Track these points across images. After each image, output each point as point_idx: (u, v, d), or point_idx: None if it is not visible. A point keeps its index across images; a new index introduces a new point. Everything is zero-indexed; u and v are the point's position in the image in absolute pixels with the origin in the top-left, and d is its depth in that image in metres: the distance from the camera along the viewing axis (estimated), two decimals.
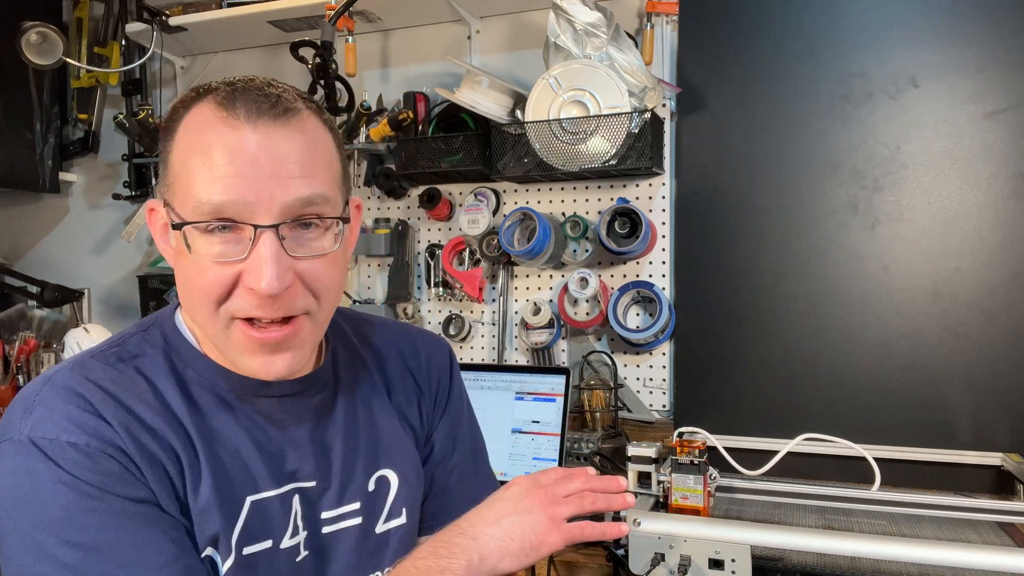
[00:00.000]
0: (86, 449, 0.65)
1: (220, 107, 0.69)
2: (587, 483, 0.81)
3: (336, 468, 0.82)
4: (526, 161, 1.71)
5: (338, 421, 0.84)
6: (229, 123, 0.69)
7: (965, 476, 1.48)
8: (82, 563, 0.63)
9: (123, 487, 0.66)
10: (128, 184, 2.30)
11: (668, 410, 1.78)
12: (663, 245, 1.79)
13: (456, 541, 0.74)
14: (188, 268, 0.71)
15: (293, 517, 0.77)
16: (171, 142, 0.72)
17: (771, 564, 1.06)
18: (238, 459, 0.75)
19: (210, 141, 0.69)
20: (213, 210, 0.68)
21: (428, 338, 0.99)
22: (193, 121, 0.71)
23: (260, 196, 0.68)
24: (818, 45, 1.62)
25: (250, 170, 0.68)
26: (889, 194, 1.57)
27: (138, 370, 0.74)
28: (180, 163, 0.70)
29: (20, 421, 0.67)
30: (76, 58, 2.29)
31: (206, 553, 0.71)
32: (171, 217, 0.72)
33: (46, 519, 0.64)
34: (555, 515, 0.77)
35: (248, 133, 0.68)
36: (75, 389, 0.68)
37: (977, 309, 1.51)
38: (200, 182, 0.68)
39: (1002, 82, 1.50)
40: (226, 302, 0.70)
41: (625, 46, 1.61)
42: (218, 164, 0.68)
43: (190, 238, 0.69)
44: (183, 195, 0.70)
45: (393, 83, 2.06)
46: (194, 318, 0.75)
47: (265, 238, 0.68)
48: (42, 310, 2.29)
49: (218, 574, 0.72)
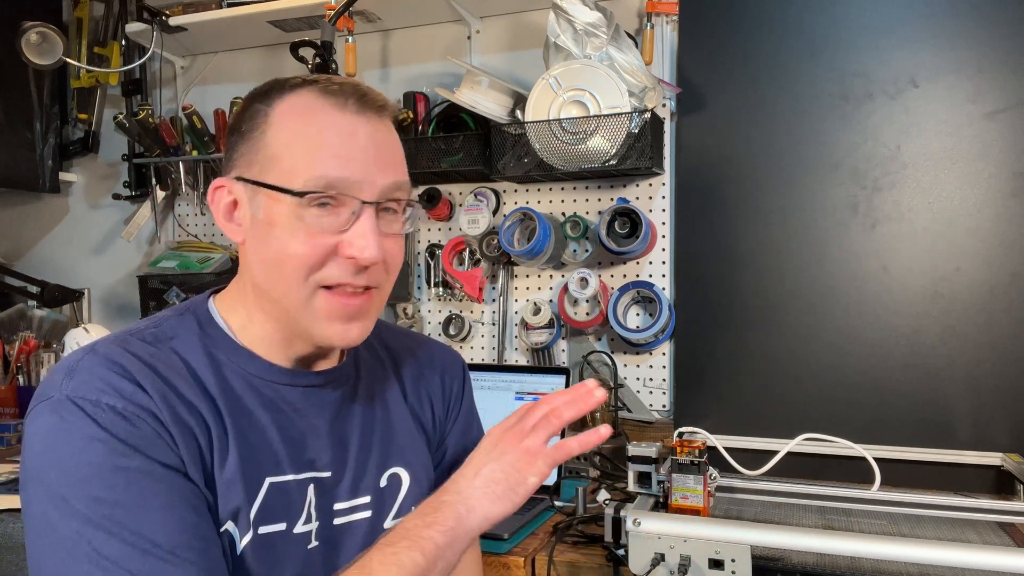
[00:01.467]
0: (123, 412, 0.68)
1: (328, 95, 0.77)
2: (552, 401, 0.80)
3: (351, 461, 0.84)
4: (526, 161, 1.71)
5: (356, 416, 0.87)
6: (340, 110, 0.77)
7: (965, 476, 1.49)
8: (105, 518, 0.65)
9: (155, 450, 0.69)
10: (128, 184, 2.30)
11: (668, 410, 1.78)
12: (663, 245, 1.79)
13: (442, 499, 0.76)
14: (282, 238, 0.75)
15: (307, 505, 0.80)
16: (265, 124, 0.77)
17: (771, 564, 1.06)
18: (263, 440, 0.77)
19: (323, 124, 0.76)
20: (327, 184, 0.74)
21: (443, 349, 1.03)
22: (295, 106, 0.77)
23: (366, 176, 0.76)
24: (818, 45, 1.62)
25: (360, 153, 0.76)
26: (889, 194, 1.57)
27: (174, 350, 0.77)
28: (285, 141, 0.76)
29: (61, 383, 0.69)
30: (76, 58, 2.29)
31: (225, 528, 0.73)
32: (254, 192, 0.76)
33: (77, 475, 0.66)
34: (530, 447, 0.77)
35: (358, 122, 0.77)
36: (115, 359, 0.71)
37: (977, 309, 1.51)
38: (315, 158, 0.75)
39: (1002, 82, 1.50)
40: (319, 271, 0.75)
41: (625, 46, 1.61)
42: (332, 144, 0.75)
43: (288, 210, 0.74)
44: (289, 170, 0.75)
45: (393, 83, 2.06)
46: (275, 289, 0.77)
47: (368, 213, 0.76)
48: (42, 310, 2.29)
49: (236, 551, 0.73)
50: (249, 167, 0.77)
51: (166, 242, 2.32)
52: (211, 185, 0.80)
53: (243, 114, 0.79)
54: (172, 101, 2.31)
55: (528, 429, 0.79)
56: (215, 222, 0.81)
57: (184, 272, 2.12)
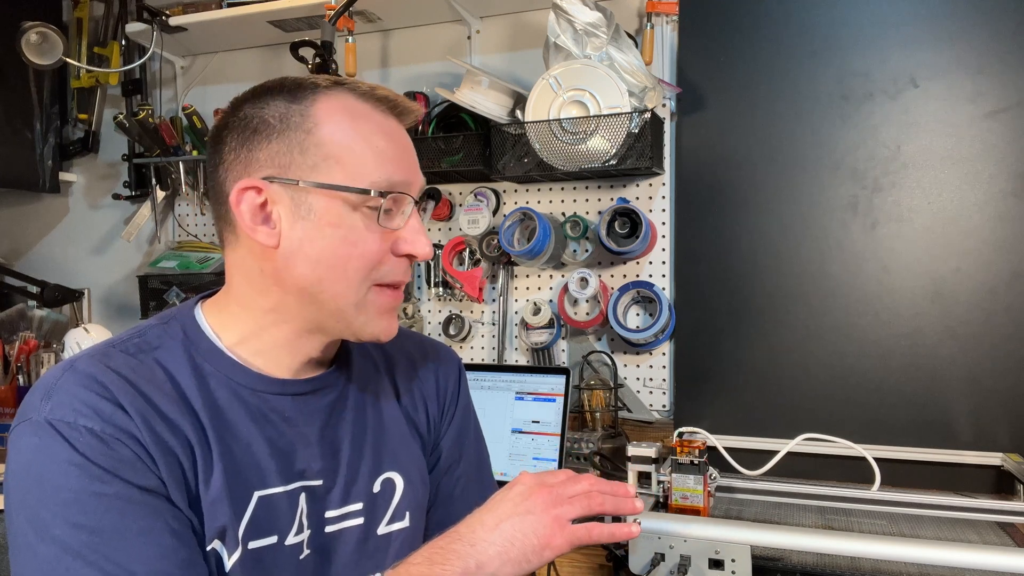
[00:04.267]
0: (101, 434, 0.67)
1: (365, 99, 0.78)
2: (594, 485, 0.78)
3: (343, 468, 0.82)
4: (526, 161, 1.71)
5: (347, 421, 0.85)
6: (383, 113, 0.79)
7: (965, 476, 1.48)
8: (83, 545, 0.64)
9: (133, 474, 0.67)
10: (128, 184, 2.30)
11: (668, 410, 1.78)
12: (663, 245, 1.79)
13: (453, 547, 0.73)
14: (348, 238, 0.75)
15: (299, 515, 0.78)
16: (310, 123, 0.75)
17: (771, 564, 1.06)
18: (249, 453, 0.76)
19: (373, 126, 0.77)
20: (393, 185, 0.76)
21: (438, 348, 1.01)
22: (341, 107, 0.77)
23: (413, 177, 0.79)
24: (818, 45, 1.62)
25: (406, 154, 0.80)
26: (889, 194, 1.57)
27: (157, 361, 0.75)
28: (343, 142, 0.75)
29: (40, 404, 0.68)
30: (76, 58, 2.29)
31: (212, 547, 0.71)
32: (302, 193, 0.75)
33: (55, 500, 0.65)
34: (559, 516, 0.74)
35: (396, 124, 0.80)
36: (96, 376, 0.69)
37: (977, 309, 1.51)
38: (380, 160, 0.76)
39: (1002, 82, 1.50)
40: (378, 269, 0.77)
41: (625, 46, 1.61)
42: (386, 148, 0.77)
43: (352, 210, 0.75)
44: (353, 171, 0.75)
45: (393, 83, 2.06)
46: (327, 290, 0.76)
47: (416, 212, 0.80)
48: (42, 310, 2.29)
49: (223, 569, 0.72)
50: (293, 167, 0.74)
51: (166, 242, 2.32)
52: (234, 187, 0.75)
53: (263, 112, 0.75)
54: (172, 101, 2.31)
55: (564, 498, 0.76)
56: (240, 227, 0.75)
57: (184, 272, 2.12)
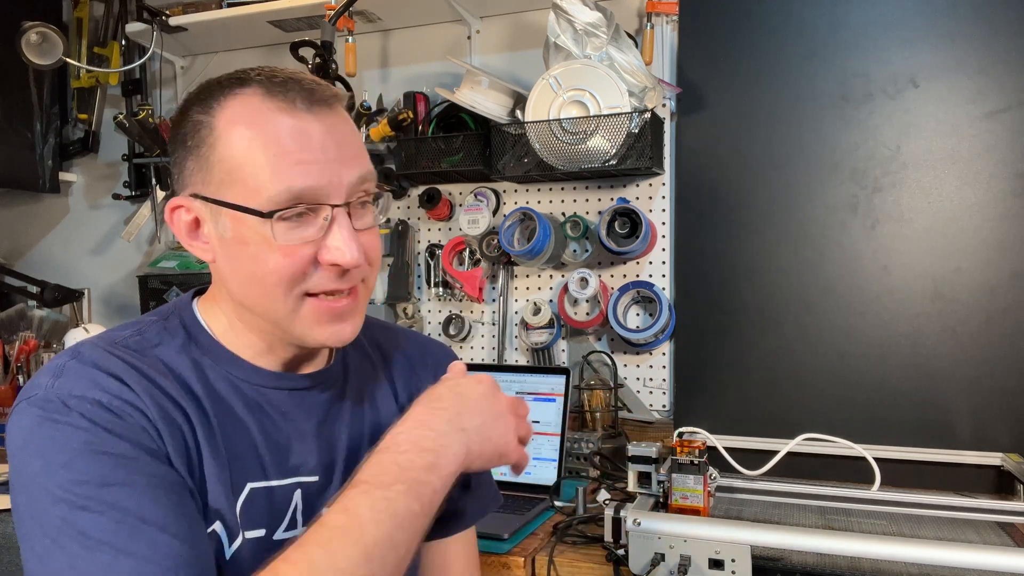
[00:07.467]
0: (109, 405, 0.67)
1: (272, 97, 0.71)
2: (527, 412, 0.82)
3: (339, 465, 0.82)
4: (526, 161, 1.71)
5: (344, 418, 0.85)
6: (289, 112, 0.71)
7: (965, 476, 1.48)
8: (89, 499, 0.62)
9: (140, 439, 0.67)
10: (128, 184, 2.31)
11: (668, 410, 1.78)
12: (663, 245, 1.79)
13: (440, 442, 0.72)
14: (258, 256, 0.71)
15: (292, 511, 0.78)
16: (212, 137, 0.72)
17: (771, 564, 1.06)
18: (247, 444, 0.76)
19: (275, 131, 0.70)
20: (293, 197, 0.70)
21: (435, 345, 1.00)
22: (241, 114, 0.71)
23: (332, 179, 0.71)
24: (818, 45, 1.62)
25: (320, 155, 0.71)
26: (889, 194, 1.57)
27: (158, 357, 0.75)
28: (239, 156, 0.70)
29: (47, 382, 0.68)
30: (76, 58, 2.29)
31: (212, 528, 0.71)
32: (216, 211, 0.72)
33: (58, 461, 0.64)
34: (518, 429, 0.79)
35: (310, 121, 0.72)
36: (101, 361, 0.70)
37: (977, 309, 1.51)
38: (276, 171, 0.70)
39: (1002, 82, 1.50)
40: (302, 282, 0.73)
41: (625, 46, 1.61)
42: (290, 151, 0.70)
43: (258, 227, 0.70)
44: (252, 187, 0.70)
45: (393, 83, 2.06)
46: (257, 304, 0.75)
47: (341, 217, 0.72)
48: (42, 310, 2.29)
49: (223, 555, 0.72)
50: (205, 184, 0.73)
51: (166, 242, 2.32)
52: (167, 205, 0.76)
53: (184, 125, 0.74)
54: (172, 101, 2.31)
55: (523, 414, 0.80)
56: (179, 242, 0.77)
57: (184, 272, 2.12)
